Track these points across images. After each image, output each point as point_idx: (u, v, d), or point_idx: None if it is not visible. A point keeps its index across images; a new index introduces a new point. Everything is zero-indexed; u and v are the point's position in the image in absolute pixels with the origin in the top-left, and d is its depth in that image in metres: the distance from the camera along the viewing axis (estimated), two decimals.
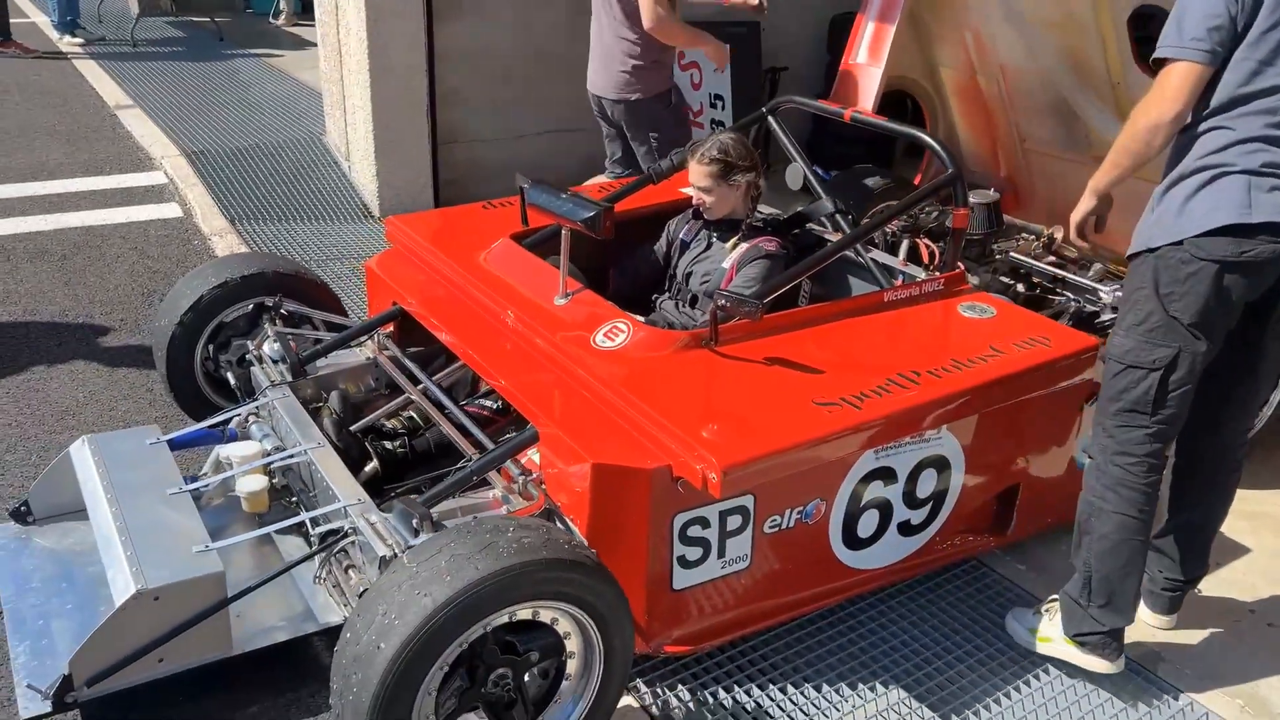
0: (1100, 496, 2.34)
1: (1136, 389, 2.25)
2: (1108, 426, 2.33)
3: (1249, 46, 2.05)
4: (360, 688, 1.79)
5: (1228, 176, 2.10)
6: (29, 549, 2.53)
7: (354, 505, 2.31)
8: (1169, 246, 2.16)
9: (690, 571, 2.28)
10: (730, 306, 2.47)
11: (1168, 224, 2.17)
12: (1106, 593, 2.36)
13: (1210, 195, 2.11)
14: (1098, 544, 2.35)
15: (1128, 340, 2.27)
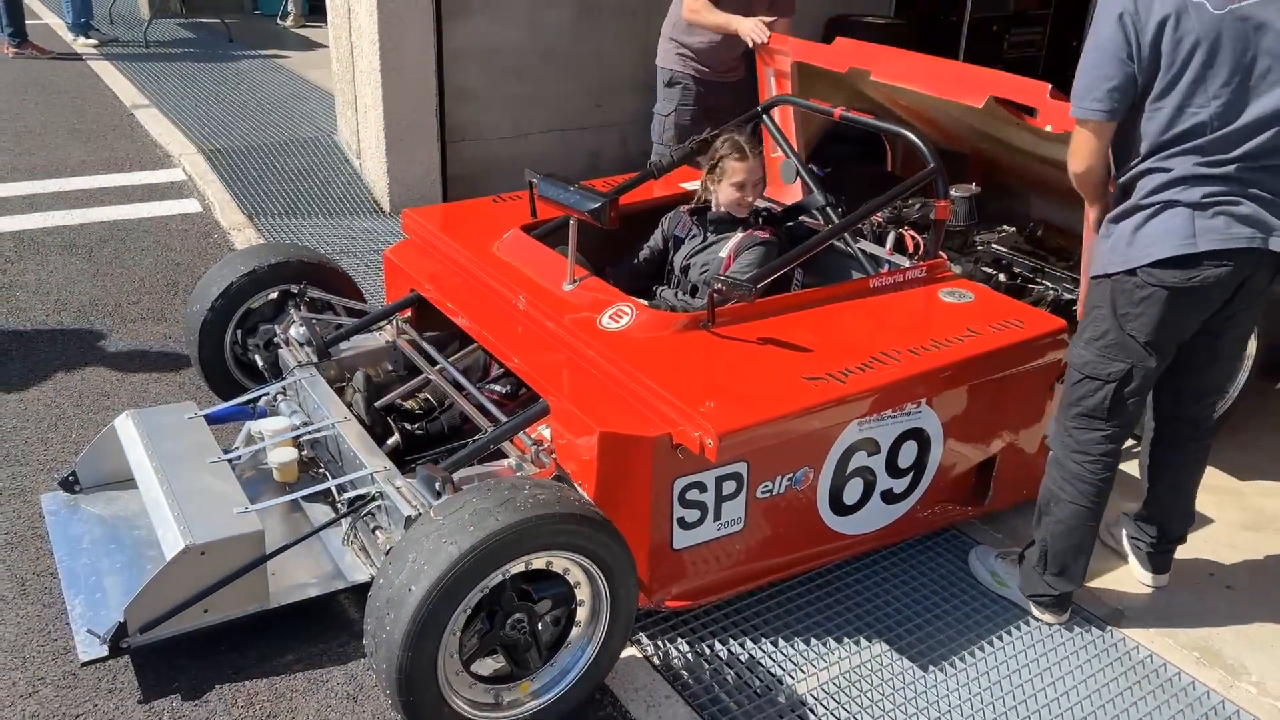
0: (1059, 487, 2.57)
1: (1093, 398, 2.47)
2: (1067, 427, 2.55)
3: (1160, 97, 2.22)
4: (393, 627, 2.00)
5: (1172, 209, 2.26)
6: (78, 515, 2.74)
7: (380, 472, 2.52)
8: (1123, 273, 2.33)
9: (689, 532, 2.48)
10: (726, 290, 2.67)
11: (1121, 252, 2.33)
12: (1060, 565, 2.62)
13: (1157, 225, 2.27)
14: (1054, 526, 2.60)
15: (1086, 353, 2.46)
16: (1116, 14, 2.22)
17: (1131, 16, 2.20)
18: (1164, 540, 2.82)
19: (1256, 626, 2.75)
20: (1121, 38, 2.21)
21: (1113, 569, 2.94)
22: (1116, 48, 2.22)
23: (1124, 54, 2.21)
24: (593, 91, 5.90)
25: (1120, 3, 2.22)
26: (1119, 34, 2.21)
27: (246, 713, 2.30)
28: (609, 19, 5.77)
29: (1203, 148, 2.22)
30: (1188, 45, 2.18)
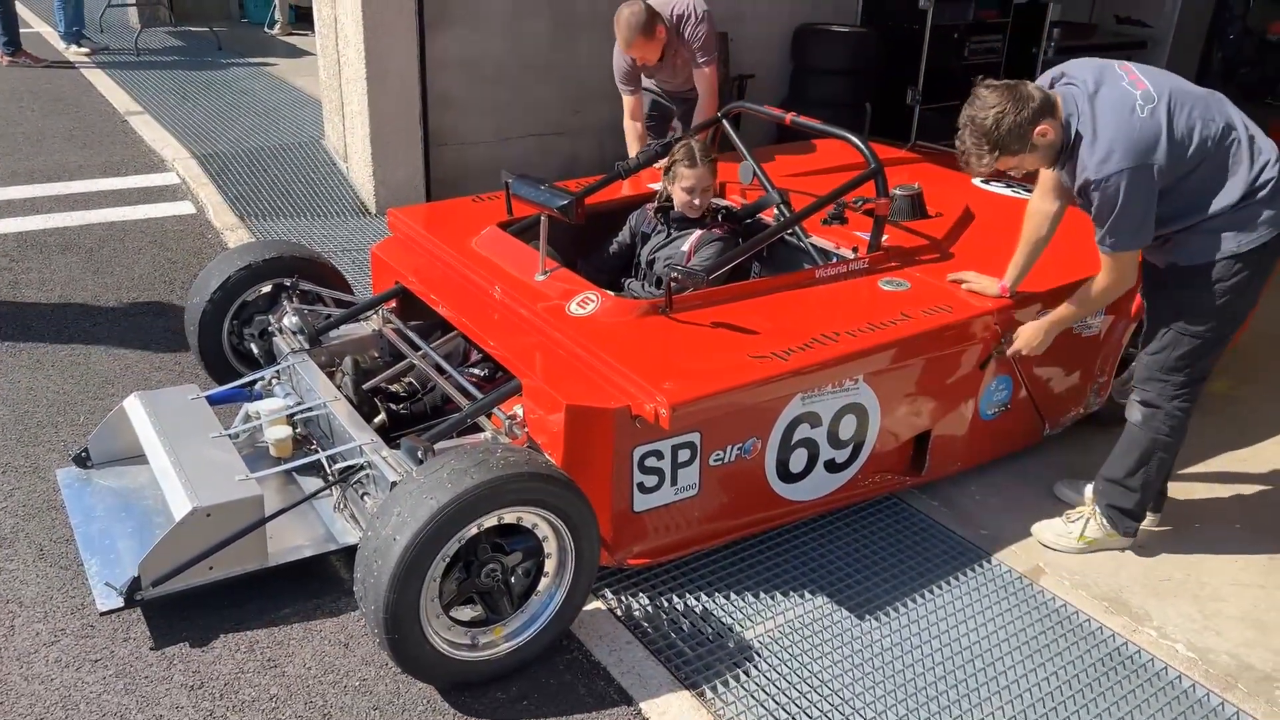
0: (1169, 435, 2.98)
1: (1208, 358, 2.89)
2: (1179, 383, 2.91)
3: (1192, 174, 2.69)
4: (380, 572, 2.26)
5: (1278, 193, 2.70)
6: (91, 487, 2.99)
7: (368, 444, 2.78)
8: (1257, 247, 2.72)
9: (648, 496, 2.75)
10: (681, 278, 2.95)
11: (1247, 234, 2.71)
12: (1153, 499, 3.15)
13: (1274, 204, 2.70)
14: (1159, 467, 3.03)
15: (1204, 322, 2.82)
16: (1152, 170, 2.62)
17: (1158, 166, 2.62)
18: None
19: (1160, 580, 3.04)
20: (1154, 183, 2.64)
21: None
22: (1149, 196, 2.64)
23: (1155, 191, 2.65)
24: (570, 98, 6.17)
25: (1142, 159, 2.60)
26: (1152, 183, 2.64)
27: (249, 657, 2.56)
28: (584, 30, 6.04)
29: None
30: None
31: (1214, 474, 3.60)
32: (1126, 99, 2.64)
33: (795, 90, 6.89)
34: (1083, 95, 2.68)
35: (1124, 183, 2.60)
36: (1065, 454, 3.64)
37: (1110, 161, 2.60)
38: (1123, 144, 2.59)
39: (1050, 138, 2.68)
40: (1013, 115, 2.62)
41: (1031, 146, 2.68)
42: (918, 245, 3.50)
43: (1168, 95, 2.65)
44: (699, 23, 4.47)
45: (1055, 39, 7.83)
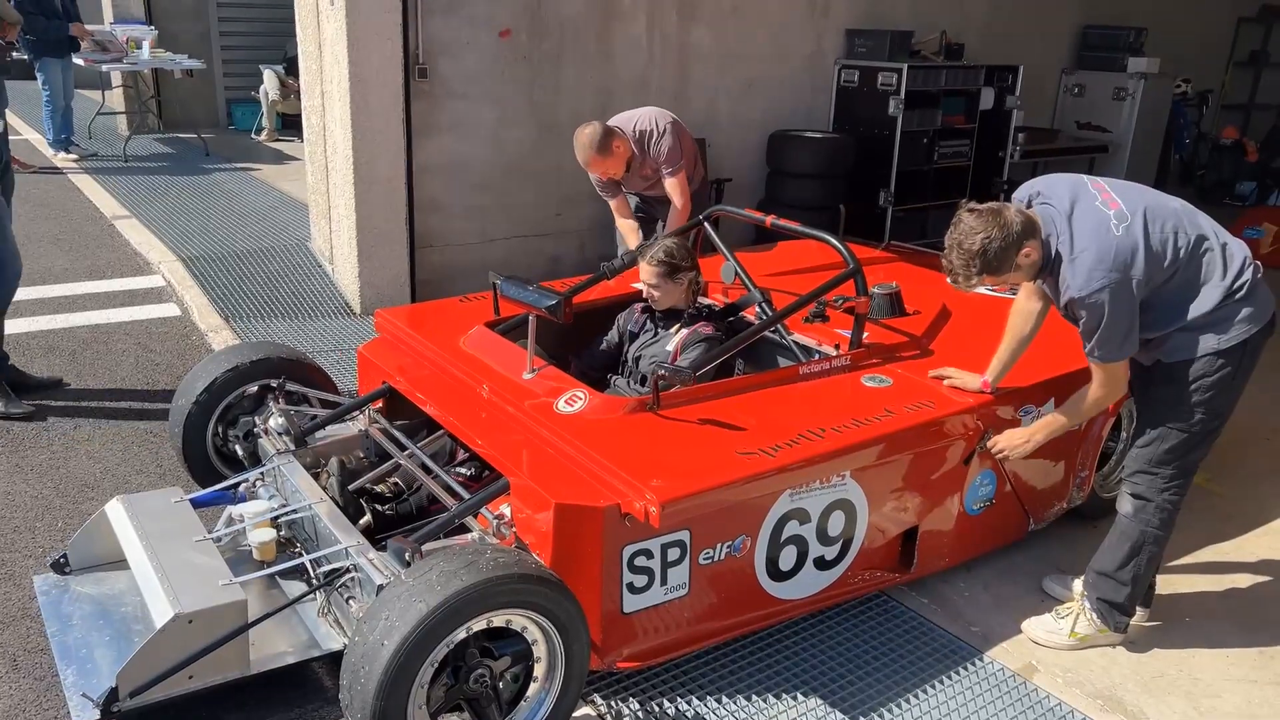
0: (1159, 529, 3.02)
1: (1199, 450, 2.94)
2: (1168, 476, 2.97)
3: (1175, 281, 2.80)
4: (367, 679, 2.21)
5: (1258, 289, 2.82)
6: (69, 594, 2.92)
7: (354, 546, 2.75)
8: (1237, 345, 2.81)
9: (638, 597, 2.73)
10: (669, 376, 2.99)
11: (1233, 327, 2.80)
12: (1143, 593, 3.16)
13: (1247, 308, 2.80)
14: (1150, 561, 3.06)
15: (1192, 416, 2.88)
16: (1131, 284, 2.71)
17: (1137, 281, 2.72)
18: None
19: (1153, 676, 3.02)
20: (1134, 296, 2.73)
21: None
22: (1131, 308, 2.73)
23: (1137, 303, 2.74)
24: (553, 201, 6.32)
25: (1122, 274, 2.70)
26: (1133, 296, 2.73)
27: None
28: (566, 135, 6.17)
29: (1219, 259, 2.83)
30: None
31: (1199, 567, 3.61)
32: (1102, 219, 2.74)
33: (771, 193, 7.10)
34: (1060, 215, 2.77)
35: (1106, 298, 2.69)
36: (1051, 549, 3.65)
37: (1093, 279, 2.69)
38: (1102, 262, 2.69)
39: (1034, 258, 2.78)
40: (999, 241, 2.71)
41: (1016, 266, 2.77)
42: (898, 342, 3.57)
43: (1141, 212, 2.76)
44: (660, 137, 4.68)
45: (1020, 143, 8.15)
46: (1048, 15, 8.87)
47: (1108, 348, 2.78)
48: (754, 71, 6.93)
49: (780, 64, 7.07)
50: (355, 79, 5.23)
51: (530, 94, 6.01)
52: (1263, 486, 4.21)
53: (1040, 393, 3.34)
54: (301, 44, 6.34)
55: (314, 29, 5.93)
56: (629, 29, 6.31)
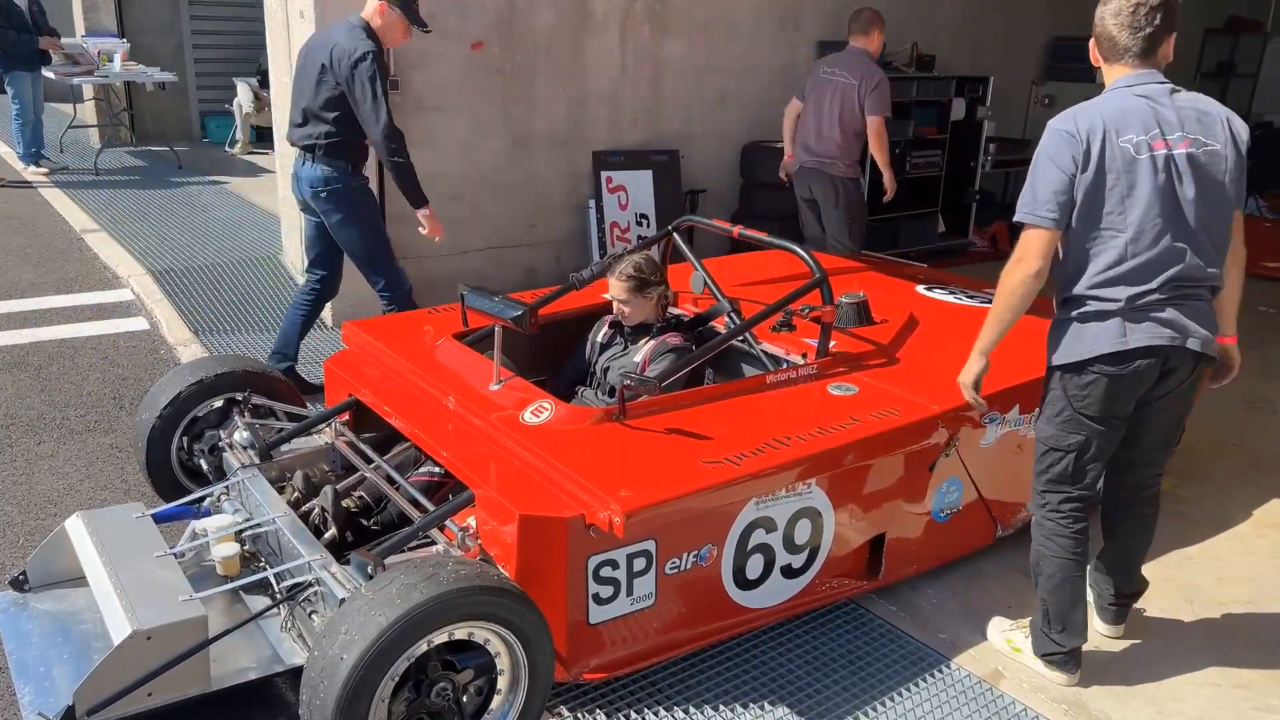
0: (1043, 545, 2.92)
1: (1058, 466, 2.85)
2: (1040, 492, 2.91)
3: (1111, 227, 2.59)
4: (326, 694, 2.19)
5: (1109, 316, 2.65)
6: (27, 611, 2.88)
7: (316, 560, 2.73)
8: (1072, 365, 2.72)
9: (604, 608, 2.72)
10: (635, 386, 2.99)
11: (1071, 347, 2.71)
12: (1062, 621, 2.93)
13: (1097, 327, 2.67)
14: (1047, 582, 2.92)
15: (1048, 428, 2.84)
16: (1066, 133, 2.58)
17: (1077, 140, 2.57)
18: (1117, 596, 3.16)
19: (1117, 681, 3.04)
20: (1070, 159, 2.57)
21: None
22: (1058, 164, 2.58)
23: (1072, 171, 2.58)
24: (527, 213, 6.32)
25: (1066, 124, 2.60)
26: (1068, 157, 2.57)
27: None
28: (540, 148, 6.25)
29: (1133, 271, 2.62)
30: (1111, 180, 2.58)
31: (1164, 572, 3.63)
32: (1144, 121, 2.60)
33: (745, 204, 7.13)
34: (1129, 94, 2.65)
35: (1046, 138, 2.62)
36: (1019, 556, 3.65)
37: (1056, 120, 2.64)
38: (1071, 112, 2.61)
39: (1098, 64, 2.73)
40: (1103, 8, 2.67)
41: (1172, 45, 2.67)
42: (864, 350, 3.59)
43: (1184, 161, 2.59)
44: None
45: (991, 154, 8.23)
46: (1018, 27, 8.97)
47: (1023, 198, 2.64)
48: (727, 84, 6.97)
49: (753, 76, 7.11)
50: None
51: (503, 106, 6.02)
52: (1227, 492, 4.25)
53: (1005, 399, 3.37)
54: (272, 56, 6.32)
55: (284, 40, 5.91)
56: (601, 42, 6.33)
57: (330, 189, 4.32)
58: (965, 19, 8.37)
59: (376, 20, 4.21)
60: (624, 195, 6.67)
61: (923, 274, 4.90)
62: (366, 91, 4.06)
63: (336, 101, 4.17)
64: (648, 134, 6.73)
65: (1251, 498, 4.19)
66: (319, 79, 4.18)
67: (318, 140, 4.26)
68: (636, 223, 6.71)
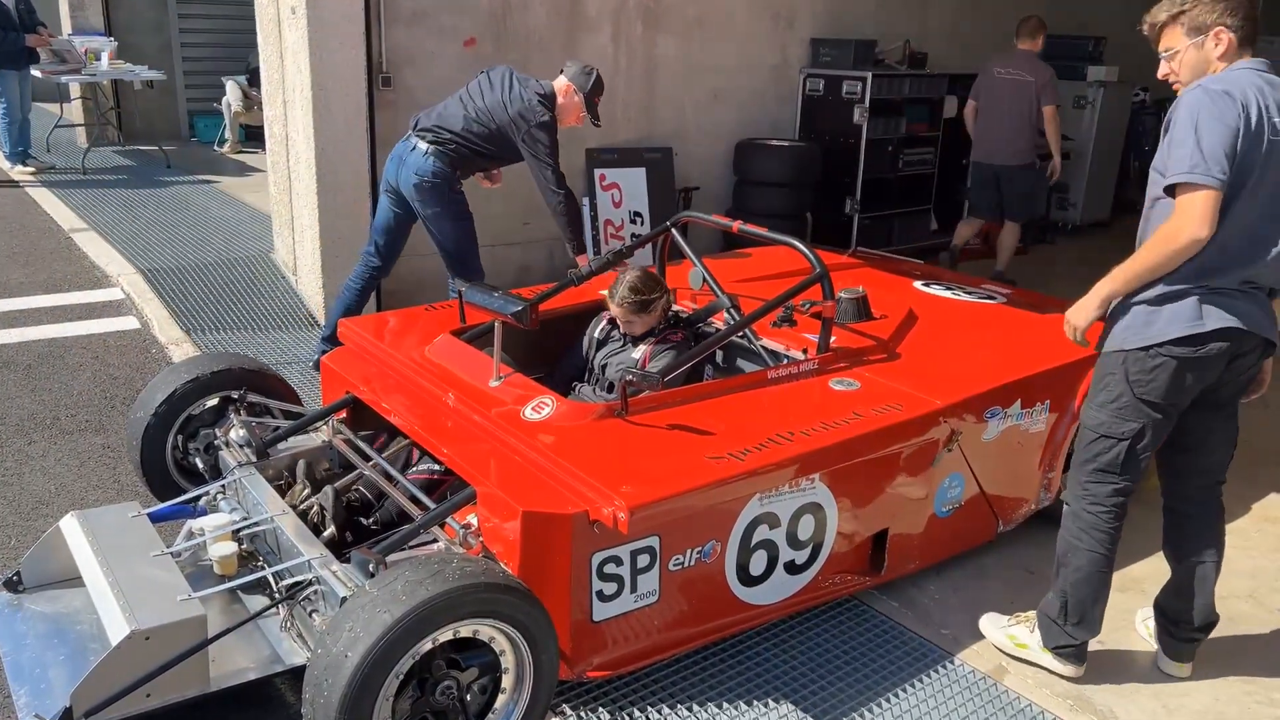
0: (1076, 538, 2.84)
1: (1108, 454, 2.75)
2: (1082, 481, 2.82)
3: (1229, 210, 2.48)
4: (330, 691, 2.16)
5: (1187, 296, 2.58)
6: (22, 613, 2.84)
7: (316, 558, 2.70)
8: (1139, 349, 2.64)
9: (607, 605, 2.69)
10: (637, 381, 2.97)
11: (1138, 330, 2.64)
12: (1080, 614, 2.87)
13: (1174, 309, 2.59)
14: (1073, 575, 2.85)
15: (1101, 414, 2.75)
16: (1225, 94, 2.46)
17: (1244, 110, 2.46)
18: (1197, 628, 2.96)
19: (1122, 677, 3.03)
20: (1237, 120, 2.44)
21: None
22: (1228, 125, 2.44)
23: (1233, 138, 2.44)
24: (521, 211, 6.28)
25: (1220, 85, 2.48)
26: (1235, 117, 2.44)
27: None
28: None
29: (1223, 246, 2.53)
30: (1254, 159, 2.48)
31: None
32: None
33: (738, 202, 7.11)
34: (1253, 71, 2.55)
35: (1204, 99, 2.46)
36: (1021, 551, 3.66)
37: (1207, 81, 2.51)
38: (1223, 81, 2.49)
39: (1218, 50, 2.58)
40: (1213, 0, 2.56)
41: (1199, 43, 2.59)
42: (865, 346, 3.57)
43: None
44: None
45: None
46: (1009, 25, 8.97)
47: (1187, 157, 2.43)
48: (720, 81, 6.95)
49: (746, 74, 7.09)
50: (317, 87, 5.18)
51: None
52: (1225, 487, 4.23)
53: (1006, 394, 3.36)
54: (263, 52, 6.27)
55: (275, 37, 5.87)
56: (595, 40, 6.30)
57: (434, 183, 4.47)
58: (957, 17, 8.38)
59: (560, 98, 4.49)
60: (618, 193, 6.64)
61: (919, 270, 4.90)
62: (541, 152, 4.40)
63: (491, 134, 4.44)
64: (641, 131, 6.71)
65: (1249, 493, 4.19)
66: (489, 108, 4.43)
67: (444, 139, 4.45)
68: (630, 220, 6.69)
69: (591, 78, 4.51)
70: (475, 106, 4.46)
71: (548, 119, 4.39)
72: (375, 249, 4.81)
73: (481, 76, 4.59)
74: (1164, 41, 2.69)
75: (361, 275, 4.86)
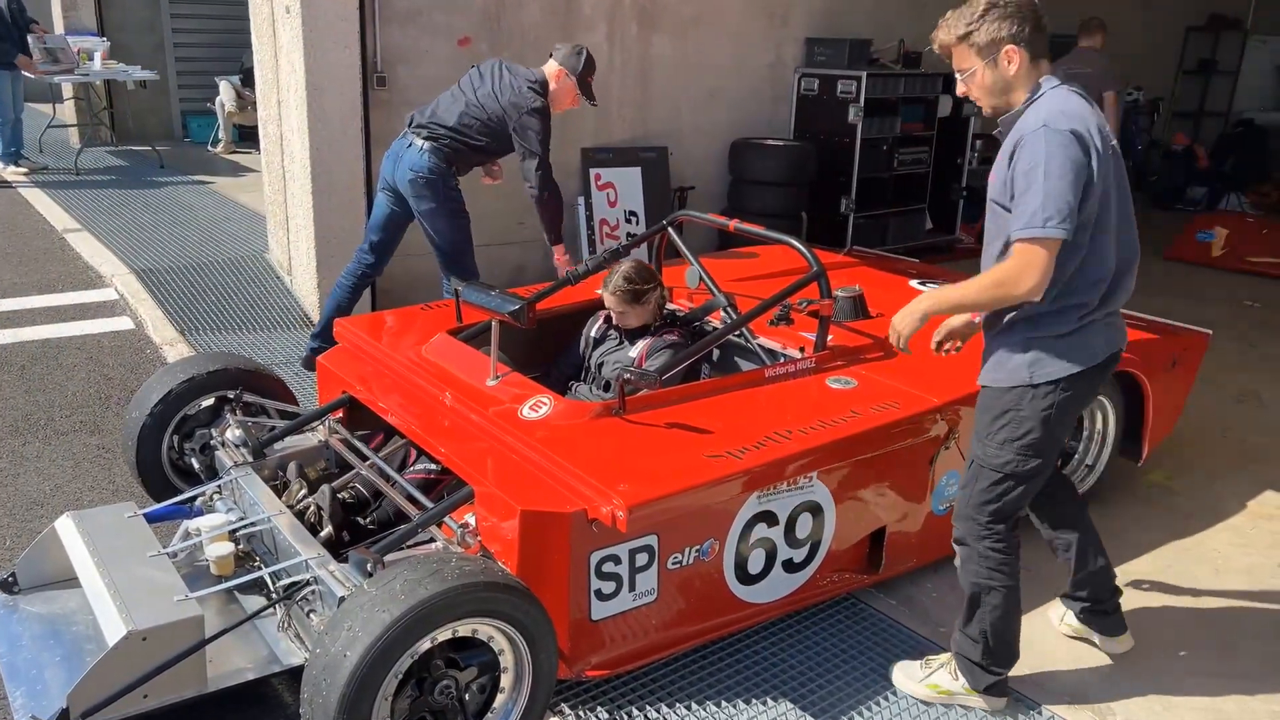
0: (988, 578, 2.68)
1: (1013, 494, 2.62)
2: (983, 522, 2.66)
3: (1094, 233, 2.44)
4: (329, 691, 2.16)
5: (1093, 325, 2.53)
6: (17, 614, 2.83)
7: (314, 558, 2.69)
8: (1048, 382, 2.53)
9: (606, 604, 2.69)
10: (635, 380, 2.96)
11: (1047, 363, 2.52)
12: (1005, 650, 2.77)
13: (1080, 340, 2.53)
14: (991, 614, 2.71)
15: (1005, 453, 2.58)
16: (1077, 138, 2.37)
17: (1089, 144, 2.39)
18: (1109, 599, 2.99)
19: (1119, 673, 3.04)
20: (1085, 162, 2.36)
21: None
22: (1077, 169, 2.35)
23: (1083, 180, 2.36)
24: (516, 210, 6.27)
25: (1082, 128, 2.39)
26: (1083, 161, 2.36)
27: None
28: None
29: (1104, 278, 2.52)
30: (1101, 189, 2.42)
31: (1162, 564, 3.65)
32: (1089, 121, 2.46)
33: (734, 201, 7.12)
34: (1068, 91, 2.49)
35: (1052, 141, 2.34)
36: None
37: (1051, 120, 2.38)
38: (1066, 113, 2.40)
39: (1012, 68, 2.49)
40: (999, 16, 2.47)
41: (992, 61, 2.50)
42: (862, 344, 3.57)
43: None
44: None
45: (978, 150, 8.25)
46: None
47: (1029, 211, 2.34)
48: (715, 80, 6.95)
49: (741, 73, 7.10)
50: (312, 86, 5.17)
51: None
52: (1219, 483, 4.26)
53: None
54: (257, 52, 6.26)
55: (269, 36, 5.85)
56: (590, 38, 6.29)
57: (429, 179, 4.48)
58: None
59: (553, 84, 4.48)
60: (613, 192, 6.64)
61: (914, 269, 4.91)
62: (532, 140, 4.39)
63: (485, 127, 4.45)
64: (636, 131, 6.71)
65: (1244, 489, 4.21)
66: (482, 101, 4.44)
67: (440, 135, 4.46)
68: (626, 220, 6.69)
69: (582, 58, 4.50)
70: (468, 100, 4.47)
71: (540, 104, 4.39)
72: (369, 246, 4.82)
73: (473, 70, 4.60)
74: (956, 62, 2.59)
75: (354, 272, 4.86)
